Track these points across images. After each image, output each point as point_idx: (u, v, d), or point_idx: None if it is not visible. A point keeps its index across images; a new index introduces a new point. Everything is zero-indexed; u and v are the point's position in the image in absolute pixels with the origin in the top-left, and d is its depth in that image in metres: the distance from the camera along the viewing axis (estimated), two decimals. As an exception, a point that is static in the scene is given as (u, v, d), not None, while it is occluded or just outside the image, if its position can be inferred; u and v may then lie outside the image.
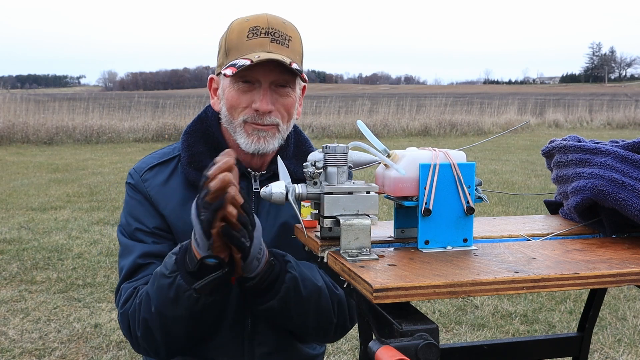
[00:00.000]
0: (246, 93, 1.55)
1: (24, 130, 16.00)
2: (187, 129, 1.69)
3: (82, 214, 7.37)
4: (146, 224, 1.62)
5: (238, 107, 1.56)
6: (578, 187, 1.25)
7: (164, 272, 1.41)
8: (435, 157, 1.12)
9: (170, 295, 1.40)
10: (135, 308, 1.52)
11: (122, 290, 1.60)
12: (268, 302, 1.47)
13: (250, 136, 1.56)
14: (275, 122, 1.56)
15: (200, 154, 1.63)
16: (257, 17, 1.58)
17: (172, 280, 1.39)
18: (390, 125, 19.42)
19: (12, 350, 3.74)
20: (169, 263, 1.42)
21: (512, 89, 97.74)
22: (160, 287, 1.42)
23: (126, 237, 1.64)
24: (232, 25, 1.59)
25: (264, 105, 1.53)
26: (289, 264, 1.50)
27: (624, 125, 23.89)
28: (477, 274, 0.97)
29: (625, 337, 3.98)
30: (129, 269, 1.60)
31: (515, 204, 7.93)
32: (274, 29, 1.55)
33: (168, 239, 1.62)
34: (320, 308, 1.55)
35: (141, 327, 1.50)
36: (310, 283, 1.52)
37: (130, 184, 1.67)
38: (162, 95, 37.56)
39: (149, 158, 1.71)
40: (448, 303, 4.50)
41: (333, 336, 1.66)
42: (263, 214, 1.63)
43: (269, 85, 1.54)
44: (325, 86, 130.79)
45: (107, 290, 4.75)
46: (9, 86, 31.55)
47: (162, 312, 1.44)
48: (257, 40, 1.54)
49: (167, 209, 1.61)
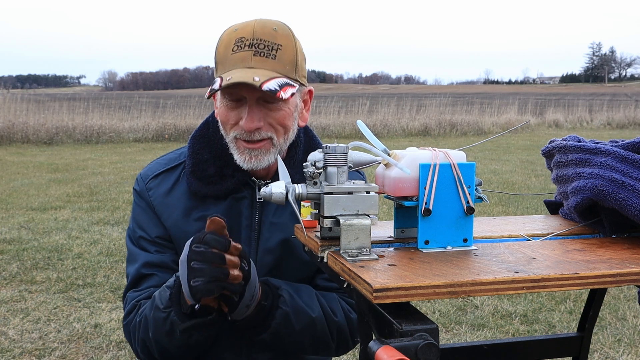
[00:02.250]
0: (234, 110, 1.51)
1: (24, 130, 15.99)
2: (194, 133, 1.68)
3: (82, 214, 7.37)
4: (149, 232, 1.63)
5: (227, 123, 1.53)
6: (578, 187, 1.25)
7: (159, 305, 1.46)
8: (435, 157, 1.12)
9: (166, 328, 1.45)
10: (136, 326, 1.56)
11: (127, 299, 1.63)
12: (259, 335, 1.51)
13: (242, 154, 1.53)
14: (267, 136, 1.51)
15: (204, 162, 1.61)
16: (245, 25, 1.51)
17: (166, 315, 1.44)
18: (390, 125, 19.41)
19: (12, 350, 3.74)
20: (164, 297, 1.46)
21: (512, 89, 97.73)
22: (156, 318, 1.47)
23: (132, 243, 1.66)
24: (222, 36, 1.55)
25: (248, 123, 1.48)
26: (281, 299, 1.50)
27: (624, 125, 23.89)
28: (477, 274, 0.97)
29: (625, 337, 3.98)
30: (134, 278, 1.62)
31: (515, 204, 7.93)
32: (259, 40, 1.48)
33: (170, 248, 1.63)
34: (315, 337, 1.56)
35: (140, 345, 1.56)
36: (304, 316, 1.53)
37: (136, 190, 1.68)
38: (162, 95, 37.55)
39: (155, 164, 1.70)
40: (448, 303, 4.49)
41: (335, 355, 1.69)
42: (266, 225, 1.62)
43: (255, 101, 1.49)
44: (325, 86, 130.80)
45: (107, 290, 4.75)
46: (9, 86, 31.55)
47: (158, 340, 1.49)
48: (240, 55, 1.48)
49: (169, 221, 1.61)
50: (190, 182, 1.60)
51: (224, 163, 1.59)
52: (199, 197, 1.60)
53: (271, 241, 1.60)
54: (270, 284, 1.52)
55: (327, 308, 1.59)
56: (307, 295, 1.56)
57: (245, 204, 1.60)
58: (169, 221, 1.61)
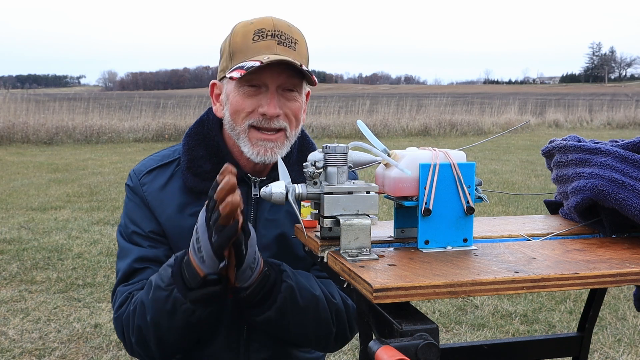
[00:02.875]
0: (252, 97, 1.52)
1: (24, 130, 16.00)
2: (189, 131, 1.67)
3: (82, 214, 7.37)
4: (142, 227, 1.61)
5: (242, 111, 1.52)
6: (578, 187, 1.25)
7: (160, 284, 1.42)
8: (435, 157, 1.12)
9: (167, 307, 1.41)
10: (130, 315, 1.53)
11: (118, 294, 1.60)
12: (265, 312, 1.47)
13: (255, 147, 1.53)
14: (283, 125, 1.53)
15: (199, 159, 1.61)
16: (262, 19, 1.54)
17: (168, 293, 1.41)
18: (390, 125, 19.41)
19: (12, 350, 3.74)
20: (165, 275, 1.42)
21: (512, 88, 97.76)
22: (156, 299, 1.43)
23: (124, 239, 1.64)
24: (236, 28, 1.56)
25: (271, 109, 1.49)
26: (285, 273, 1.49)
27: (624, 125, 23.89)
28: (477, 274, 0.97)
29: (625, 337, 3.98)
30: (125, 273, 1.60)
31: (515, 204, 7.93)
32: (280, 32, 1.52)
33: (164, 243, 1.62)
34: (318, 317, 1.54)
35: (135, 333, 1.52)
36: (307, 292, 1.51)
37: (129, 186, 1.67)
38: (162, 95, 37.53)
39: (148, 160, 1.69)
40: (448, 303, 4.49)
41: (334, 346, 1.65)
42: (262, 222, 1.61)
43: (275, 88, 1.51)
44: (325, 86, 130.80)
45: (107, 290, 4.75)
46: (9, 86, 31.54)
47: (157, 322, 1.45)
48: (264, 43, 1.50)
49: (163, 216, 1.60)
50: (187, 178, 1.59)
51: (220, 160, 1.59)
52: (194, 193, 1.59)
53: (267, 237, 1.60)
54: (272, 261, 1.51)
55: (325, 290, 1.58)
56: (305, 276, 1.56)
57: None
58: (163, 216, 1.60)
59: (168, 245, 1.61)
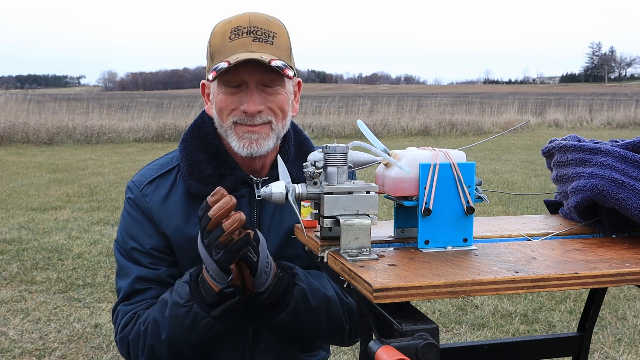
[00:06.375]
0: (233, 95, 1.52)
1: (24, 131, 16.00)
2: (184, 136, 1.65)
3: (82, 214, 7.37)
4: (143, 244, 1.59)
5: (226, 109, 1.53)
6: (578, 186, 1.25)
7: (179, 301, 1.45)
8: (435, 157, 1.12)
9: (186, 323, 1.45)
10: (140, 334, 1.53)
11: (120, 313, 1.59)
12: (279, 315, 1.51)
13: (242, 139, 1.53)
14: (267, 120, 1.53)
15: (200, 163, 1.59)
16: (239, 17, 1.55)
17: (188, 309, 1.44)
18: (390, 125, 19.41)
19: (12, 350, 3.74)
20: (183, 292, 1.45)
21: (512, 88, 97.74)
22: (174, 315, 1.46)
23: (123, 256, 1.61)
24: (215, 29, 1.57)
25: (251, 106, 1.50)
26: (297, 277, 1.52)
27: (624, 125, 23.88)
28: (477, 274, 0.97)
29: (625, 336, 3.98)
30: (126, 293, 1.59)
31: (515, 204, 7.93)
32: (255, 27, 1.52)
33: (165, 260, 1.60)
34: (331, 317, 1.57)
35: (147, 352, 1.53)
36: (319, 293, 1.54)
37: (130, 198, 1.63)
38: (162, 95, 37.56)
39: (147, 170, 1.66)
40: (448, 303, 4.49)
41: (348, 341, 1.68)
42: (266, 222, 1.62)
43: (255, 85, 1.51)
44: (325, 86, 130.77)
45: (107, 290, 4.75)
46: (9, 86, 31.54)
47: (174, 339, 1.48)
48: (239, 41, 1.51)
49: (170, 227, 1.58)
50: (189, 183, 1.58)
51: (221, 162, 1.59)
52: (198, 199, 1.58)
53: (271, 239, 1.60)
54: (284, 264, 1.54)
55: (338, 289, 1.60)
56: (318, 276, 1.58)
57: (244, 202, 1.60)
58: (170, 227, 1.58)
59: (169, 261, 1.60)
